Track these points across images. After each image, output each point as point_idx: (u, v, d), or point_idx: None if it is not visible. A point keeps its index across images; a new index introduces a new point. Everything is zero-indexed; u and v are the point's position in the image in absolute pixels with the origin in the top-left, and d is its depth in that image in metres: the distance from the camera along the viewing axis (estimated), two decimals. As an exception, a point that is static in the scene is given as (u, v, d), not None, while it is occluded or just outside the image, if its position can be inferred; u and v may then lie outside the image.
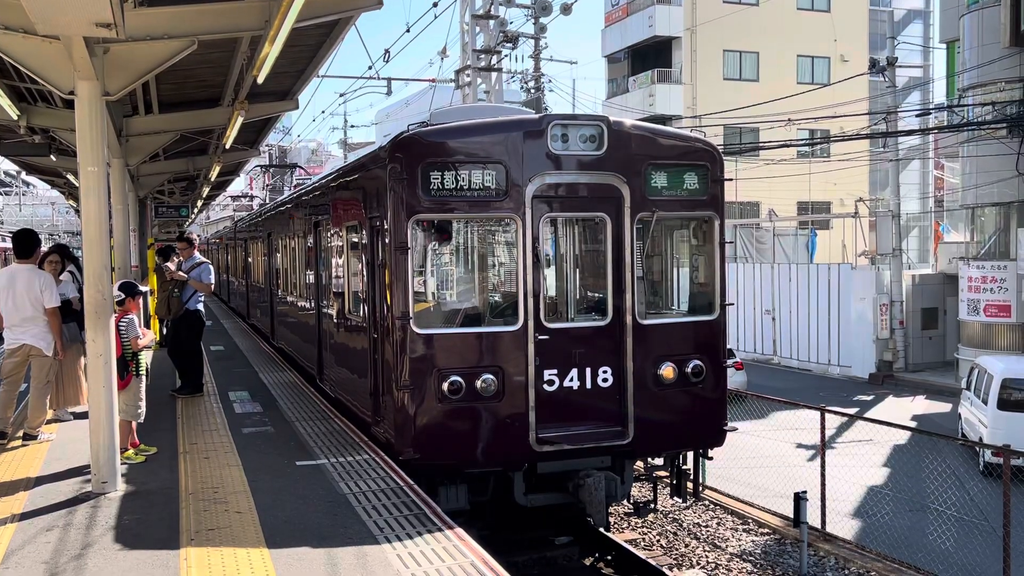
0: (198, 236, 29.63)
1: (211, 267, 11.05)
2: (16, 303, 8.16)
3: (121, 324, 7.53)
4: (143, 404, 7.92)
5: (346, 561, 5.37)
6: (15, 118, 11.20)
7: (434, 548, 5.57)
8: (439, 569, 5.22)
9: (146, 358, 8.09)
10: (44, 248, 9.37)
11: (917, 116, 25.54)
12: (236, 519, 6.18)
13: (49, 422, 9.13)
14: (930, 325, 23.70)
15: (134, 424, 7.94)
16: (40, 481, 7.17)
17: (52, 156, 14.32)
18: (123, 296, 7.78)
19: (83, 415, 8.03)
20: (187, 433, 8.92)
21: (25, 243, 8.47)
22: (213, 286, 10.82)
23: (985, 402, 13.21)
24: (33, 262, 8.42)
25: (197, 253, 11.35)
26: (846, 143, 27.17)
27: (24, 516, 6.29)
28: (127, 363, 7.64)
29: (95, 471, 6.82)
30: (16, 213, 62.58)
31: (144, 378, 7.96)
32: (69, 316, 9.00)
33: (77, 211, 23.12)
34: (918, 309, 23.56)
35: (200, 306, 10.86)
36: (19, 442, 8.44)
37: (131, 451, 7.85)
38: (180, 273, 10.67)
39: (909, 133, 24.83)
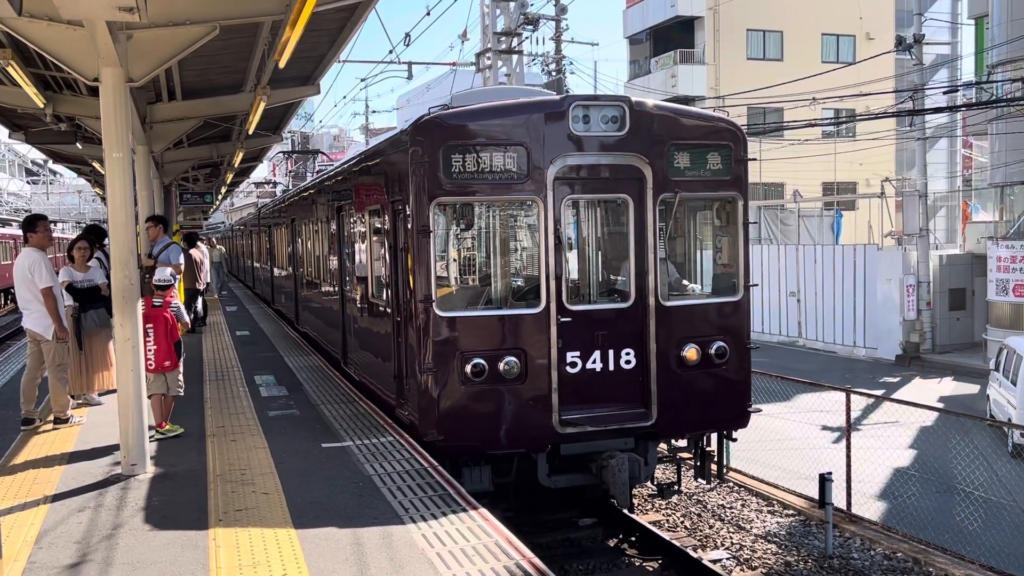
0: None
1: (179, 247, 11.11)
2: (18, 288, 8.32)
3: (174, 308, 8.02)
4: (182, 379, 8.33)
5: (372, 541, 5.43)
6: (41, 106, 11.32)
7: (459, 528, 5.61)
8: (464, 549, 5.26)
9: None
10: (59, 232, 9.56)
11: (945, 94, 25.10)
12: (263, 500, 6.26)
13: (79, 406, 9.28)
14: (958, 306, 23.39)
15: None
16: (71, 464, 7.30)
17: (78, 144, 14.45)
18: (171, 282, 8.22)
19: (111, 391, 8.23)
20: (214, 416, 9.03)
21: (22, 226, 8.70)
22: (182, 267, 10.91)
23: (1014, 383, 13.05)
24: (35, 245, 8.44)
25: (166, 235, 11.44)
26: (872, 122, 26.82)
27: (56, 497, 6.41)
28: (179, 344, 8.11)
29: (124, 453, 6.93)
30: (44, 202, 63.37)
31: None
32: (98, 301, 9.13)
33: (103, 199, 23.36)
34: (945, 290, 23.26)
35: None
36: (50, 426, 8.60)
37: (168, 425, 8.20)
38: (147, 259, 10.69)
39: (937, 111, 24.38)
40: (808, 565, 8.72)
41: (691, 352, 8.03)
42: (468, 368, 7.48)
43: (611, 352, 7.87)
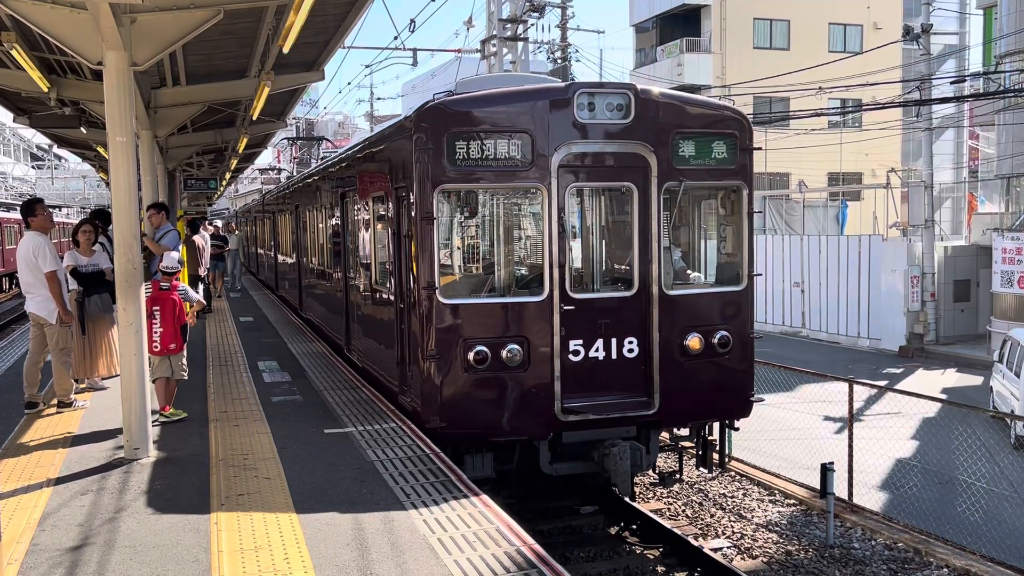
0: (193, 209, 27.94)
1: (177, 234, 11.22)
2: (21, 272, 8.34)
3: (180, 291, 8.06)
4: (186, 363, 8.36)
5: (373, 526, 5.44)
6: (45, 90, 11.32)
7: (460, 514, 5.62)
8: (465, 535, 5.27)
9: None
10: (62, 217, 9.56)
11: (952, 84, 24.96)
12: (266, 485, 6.27)
13: (83, 390, 9.30)
14: (962, 297, 23.33)
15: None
16: (74, 447, 7.32)
17: (82, 128, 14.45)
18: (178, 268, 8.24)
19: (115, 376, 8.25)
20: (217, 401, 9.05)
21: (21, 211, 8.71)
22: (179, 251, 11.01)
23: (1017, 375, 13.03)
24: (37, 229, 8.43)
25: (168, 222, 11.52)
26: (878, 112, 26.71)
27: (59, 481, 6.43)
28: (185, 327, 8.14)
29: (127, 438, 6.95)
30: (48, 186, 63.41)
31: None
32: (102, 286, 9.14)
33: (108, 184, 23.43)
34: (950, 281, 23.20)
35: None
36: (54, 410, 8.62)
37: (171, 409, 8.22)
38: (149, 240, 10.72)
39: (943, 101, 24.25)
40: (809, 555, 8.74)
41: (694, 341, 8.02)
42: (471, 355, 7.48)
43: (614, 340, 7.86)
